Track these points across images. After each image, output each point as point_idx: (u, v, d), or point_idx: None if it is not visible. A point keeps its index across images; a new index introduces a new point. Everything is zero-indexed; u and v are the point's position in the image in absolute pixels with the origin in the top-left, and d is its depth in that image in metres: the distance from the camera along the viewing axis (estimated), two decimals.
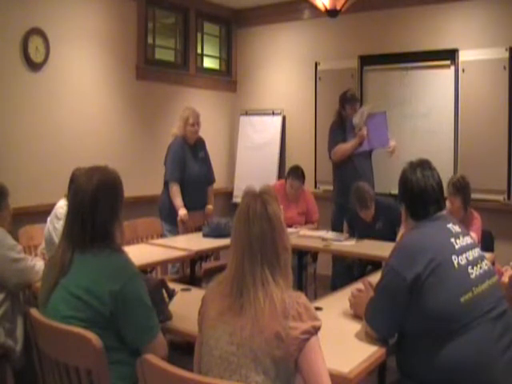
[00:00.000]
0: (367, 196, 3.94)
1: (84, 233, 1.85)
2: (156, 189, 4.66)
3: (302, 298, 1.56)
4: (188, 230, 4.37)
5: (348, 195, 4.18)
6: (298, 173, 4.59)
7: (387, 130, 4.54)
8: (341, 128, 4.69)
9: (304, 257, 4.37)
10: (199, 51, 6.03)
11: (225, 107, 6.32)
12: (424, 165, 2.10)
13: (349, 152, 4.66)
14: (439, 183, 2.08)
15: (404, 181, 2.10)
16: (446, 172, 3.45)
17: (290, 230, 3.90)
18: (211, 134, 5.42)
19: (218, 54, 6.39)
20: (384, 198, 4.17)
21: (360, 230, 4.17)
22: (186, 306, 2.25)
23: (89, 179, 1.89)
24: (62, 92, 4.54)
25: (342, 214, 4.56)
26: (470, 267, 1.92)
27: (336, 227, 4.57)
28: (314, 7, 4.70)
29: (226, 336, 1.53)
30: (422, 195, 2.04)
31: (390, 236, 3.80)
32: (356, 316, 2.21)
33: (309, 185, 5.25)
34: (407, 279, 1.85)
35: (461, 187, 3.43)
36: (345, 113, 4.70)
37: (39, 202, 4.17)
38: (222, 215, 5.24)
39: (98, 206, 1.85)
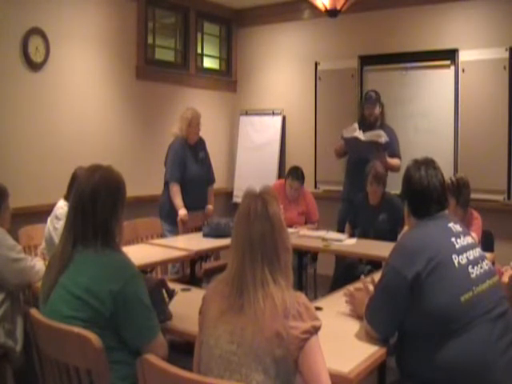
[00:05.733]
0: (382, 174, 4.13)
1: (86, 227, 1.85)
2: (156, 189, 4.66)
3: (302, 297, 1.56)
4: (188, 230, 4.37)
5: (358, 192, 4.25)
6: (297, 173, 4.58)
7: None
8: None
9: (304, 257, 4.38)
10: (199, 51, 6.03)
11: (225, 107, 6.32)
12: (428, 163, 2.10)
13: (337, 151, 4.82)
14: (442, 183, 2.08)
15: (407, 178, 2.11)
16: (446, 172, 3.42)
17: (289, 230, 3.91)
18: (211, 134, 5.41)
19: (218, 54, 6.38)
20: (393, 195, 4.19)
21: (364, 222, 4.25)
22: (186, 306, 2.25)
23: (91, 175, 1.91)
24: (62, 92, 4.54)
25: (349, 212, 4.57)
26: (470, 267, 1.92)
27: (343, 224, 4.56)
28: (314, 7, 4.71)
29: (226, 335, 1.54)
30: (424, 193, 2.05)
31: (391, 233, 3.85)
32: (355, 315, 2.21)
33: (309, 185, 5.24)
34: (407, 278, 1.85)
35: (453, 188, 3.42)
36: (364, 112, 4.76)
37: (39, 202, 4.16)
38: (222, 215, 5.24)
39: (97, 201, 1.85)
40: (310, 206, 4.73)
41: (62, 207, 3.25)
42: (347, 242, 3.91)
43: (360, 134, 4.46)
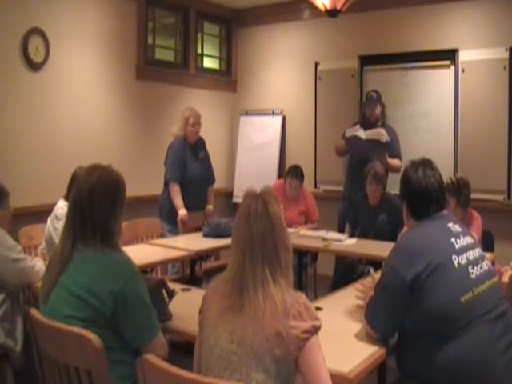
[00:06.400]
0: (381, 174, 4.13)
1: (85, 226, 1.85)
2: (156, 189, 4.66)
3: (302, 297, 1.56)
4: (188, 230, 4.37)
5: (359, 191, 4.28)
6: (297, 172, 4.59)
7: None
8: (355, 125, 4.71)
9: (304, 257, 4.38)
10: (199, 51, 6.03)
11: (225, 107, 6.32)
12: (426, 164, 2.11)
13: (338, 149, 4.84)
14: (440, 183, 2.09)
15: (405, 179, 2.11)
16: (446, 172, 3.43)
17: (289, 230, 3.91)
18: (211, 134, 5.41)
19: (218, 54, 6.38)
20: (393, 195, 4.18)
21: (363, 222, 4.25)
22: (186, 306, 2.25)
23: (89, 174, 1.91)
24: (62, 92, 4.54)
25: (350, 212, 4.58)
26: (470, 267, 1.92)
27: (343, 224, 4.57)
28: (314, 7, 4.71)
29: (226, 334, 1.54)
30: (422, 194, 2.05)
31: (391, 233, 3.85)
32: (358, 314, 2.21)
33: (309, 185, 5.25)
34: (407, 279, 1.85)
35: (453, 188, 3.41)
36: (365, 112, 4.78)
37: (39, 202, 4.16)
38: (222, 215, 5.25)
39: (95, 200, 1.85)
40: (309, 205, 4.73)
41: (61, 207, 3.25)
42: (347, 242, 3.91)
43: (361, 133, 4.46)
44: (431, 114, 5.04)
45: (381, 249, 3.38)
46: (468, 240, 2.01)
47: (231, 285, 1.58)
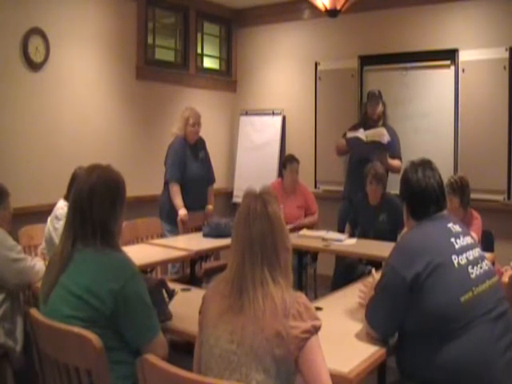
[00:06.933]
0: (381, 173, 4.14)
1: (85, 226, 1.85)
2: (156, 189, 4.66)
3: (302, 297, 1.56)
4: (188, 230, 4.37)
5: (359, 191, 4.30)
6: (292, 156, 4.79)
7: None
8: (356, 126, 4.71)
9: (304, 257, 4.39)
10: (199, 51, 6.03)
11: (225, 107, 6.32)
12: (425, 165, 2.11)
13: (339, 148, 4.85)
14: (440, 183, 2.09)
15: (405, 180, 2.12)
16: (446, 172, 3.44)
17: (288, 226, 3.91)
18: (211, 134, 5.41)
19: (218, 54, 6.38)
20: (393, 195, 4.18)
21: (364, 222, 4.26)
22: (186, 306, 2.25)
23: (89, 174, 1.91)
24: (62, 92, 4.54)
25: (350, 211, 4.58)
26: (470, 267, 1.92)
27: (343, 224, 4.57)
28: (314, 7, 4.71)
29: (226, 335, 1.54)
30: (422, 195, 2.05)
31: (391, 233, 3.85)
32: (359, 314, 2.21)
33: (309, 185, 5.26)
34: (407, 278, 1.86)
35: (457, 187, 3.42)
36: (368, 110, 4.79)
37: (39, 202, 4.16)
38: (222, 215, 5.24)
39: (95, 200, 1.85)
40: (307, 197, 4.82)
41: (62, 207, 3.25)
42: (347, 242, 3.91)
43: (362, 134, 4.46)
44: (431, 114, 5.04)
45: (381, 249, 3.38)
46: (468, 240, 2.02)
47: (231, 285, 1.58)
